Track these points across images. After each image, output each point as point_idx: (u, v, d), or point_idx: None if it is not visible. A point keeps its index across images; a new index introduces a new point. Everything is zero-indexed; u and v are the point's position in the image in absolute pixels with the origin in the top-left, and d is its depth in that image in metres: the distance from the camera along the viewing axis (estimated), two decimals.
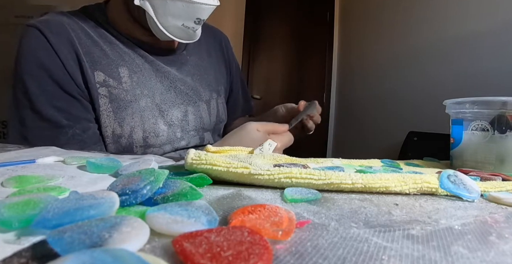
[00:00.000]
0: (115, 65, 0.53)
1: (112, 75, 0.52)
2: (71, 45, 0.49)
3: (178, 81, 0.60)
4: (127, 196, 0.18)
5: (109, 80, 0.52)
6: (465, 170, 0.36)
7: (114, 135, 0.52)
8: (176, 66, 0.61)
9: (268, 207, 0.18)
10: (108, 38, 0.54)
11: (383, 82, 1.81)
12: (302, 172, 0.25)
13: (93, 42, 0.52)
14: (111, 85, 0.52)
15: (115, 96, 0.52)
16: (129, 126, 0.53)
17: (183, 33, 0.52)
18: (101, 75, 0.51)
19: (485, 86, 1.16)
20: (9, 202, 0.16)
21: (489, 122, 0.40)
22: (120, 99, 0.52)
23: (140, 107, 0.54)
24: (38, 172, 0.27)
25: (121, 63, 0.53)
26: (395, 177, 0.26)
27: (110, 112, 0.52)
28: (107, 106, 0.51)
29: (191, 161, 0.26)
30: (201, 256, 0.11)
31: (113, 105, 0.52)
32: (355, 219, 0.19)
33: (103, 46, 0.53)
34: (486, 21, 1.18)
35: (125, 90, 0.53)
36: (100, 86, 0.51)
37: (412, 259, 0.14)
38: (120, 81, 0.53)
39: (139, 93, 0.54)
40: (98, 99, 0.51)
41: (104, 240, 0.12)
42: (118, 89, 0.52)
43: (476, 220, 0.20)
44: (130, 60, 0.55)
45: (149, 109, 0.55)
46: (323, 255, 0.14)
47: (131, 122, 0.53)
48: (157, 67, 0.58)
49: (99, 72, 0.51)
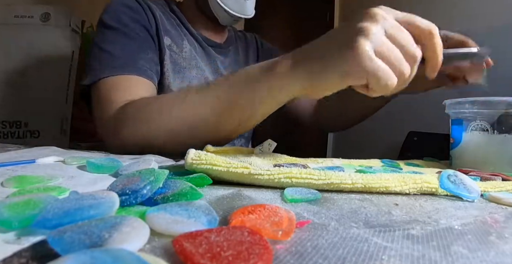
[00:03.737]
0: (181, 38, 0.63)
1: (177, 43, 0.62)
2: (150, 8, 0.59)
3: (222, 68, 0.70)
4: (127, 196, 0.18)
5: (173, 46, 0.61)
6: (465, 170, 0.36)
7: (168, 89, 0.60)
8: (222, 57, 0.71)
9: (268, 207, 0.18)
10: (177, 21, 0.65)
11: None
12: (302, 172, 0.25)
13: (166, 18, 0.62)
14: (174, 51, 0.61)
15: (174, 60, 0.61)
16: (175, 89, 0.61)
17: (235, 2, 0.62)
18: (168, 40, 0.61)
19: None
20: (9, 202, 0.16)
21: (489, 122, 0.40)
22: (177, 64, 0.61)
23: (191, 75, 0.63)
24: (38, 172, 0.27)
25: (185, 38, 0.64)
26: (395, 177, 0.26)
27: (169, 72, 0.60)
28: (168, 64, 0.60)
29: (191, 161, 0.26)
30: (201, 256, 0.11)
31: (172, 66, 0.61)
32: (355, 219, 0.19)
33: (174, 23, 0.64)
34: (486, 21, 1.18)
35: (183, 58, 0.62)
36: (166, 49, 0.60)
37: (412, 259, 0.14)
38: (182, 50, 0.63)
39: (193, 64, 0.64)
40: (164, 55, 0.59)
41: (104, 240, 0.12)
42: (179, 55, 0.62)
43: (476, 220, 0.20)
44: (191, 41, 0.65)
45: (197, 79, 0.64)
46: (323, 255, 0.14)
47: (179, 85, 0.62)
48: (208, 53, 0.68)
49: (168, 37, 0.61)
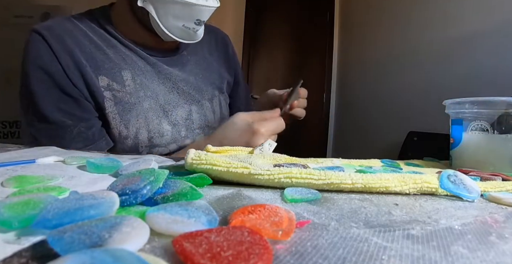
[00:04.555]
0: (118, 69, 0.54)
1: (115, 79, 0.53)
2: (73, 51, 0.50)
3: (180, 81, 0.61)
4: (127, 196, 0.18)
5: (113, 84, 0.53)
6: (465, 170, 0.36)
7: (120, 136, 0.54)
8: (178, 66, 0.62)
9: (268, 207, 0.18)
10: (111, 42, 0.55)
11: (383, 82, 1.81)
12: (302, 172, 0.25)
13: (96, 46, 0.53)
14: (115, 89, 0.53)
15: (119, 99, 0.53)
16: (134, 128, 0.55)
17: (184, 33, 0.53)
18: (105, 80, 0.52)
19: (485, 86, 1.16)
20: (9, 202, 0.16)
21: (489, 122, 0.40)
22: (124, 102, 0.54)
23: (144, 109, 0.55)
24: (38, 172, 0.27)
25: (124, 66, 0.55)
26: (395, 177, 0.26)
27: (116, 115, 0.53)
28: (113, 109, 0.53)
29: (191, 161, 0.26)
30: (201, 256, 0.11)
31: (118, 108, 0.53)
32: (355, 219, 0.19)
33: (106, 50, 0.54)
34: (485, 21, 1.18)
35: (128, 93, 0.54)
36: (105, 90, 0.52)
37: (412, 259, 0.14)
38: (124, 84, 0.54)
39: (142, 95, 0.55)
40: (104, 102, 0.52)
41: (104, 240, 0.12)
42: (122, 92, 0.54)
43: (476, 220, 0.20)
44: (133, 63, 0.56)
45: (153, 110, 0.56)
46: (323, 255, 0.14)
47: (136, 124, 0.55)
48: (159, 69, 0.59)
49: (103, 76, 0.52)
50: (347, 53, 2.29)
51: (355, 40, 2.18)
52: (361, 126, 2.03)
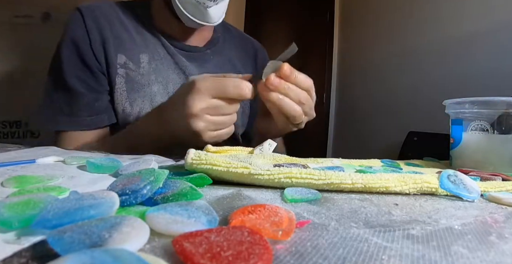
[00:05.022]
0: (137, 51, 0.58)
1: (132, 59, 0.58)
2: (103, 30, 0.56)
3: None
4: (127, 196, 0.18)
5: (129, 63, 0.57)
6: (465, 170, 0.36)
7: (124, 113, 0.58)
8: (198, 62, 0.64)
9: (268, 207, 0.18)
10: (139, 29, 0.60)
11: (383, 82, 1.81)
12: (302, 172, 0.25)
13: (125, 29, 0.59)
14: (129, 68, 0.57)
15: (131, 78, 0.57)
16: (138, 107, 0.58)
17: (196, 10, 0.55)
18: (123, 58, 0.57)
19: (485, 86, 1.16)
20: (9, 202, 0.16)
21: (489, 122, 0.40)
22: (134, 82, 0.57)
23: (151, 92, 0.58)
24: (38, 172, 0.27)
25: (144, 50, 0.59)
26: (395, 177, 0.26)
27: (123, 91, 0.57)
28: (122, 85, 0.57)
29: (191, 161, 0.26)
30: (201, 256, 0.11)
31: (128, 86, 0.57)
32: (355, 219, 0.19)
33: (133, 34, 0.59)
34: (485, 21, 1.18)
35: (140, 74, 0.58)
36: (120, 67, 0.57)
37: (412, 259, 0.14)
38: (139, 66, 0.58)
39: (153, 79, 0.59)
40: (116, 78, 0.57)
41: (104, 240, 0.12)
42: (135, 72, 0.58)
43: (476, 220, 0.20)
44: (154, 49, 0.60)
45: (160, 95, 0.59)
46: (323, 255, 0.14)
47: (140, 104, 0.58)
48: (177, 60, 0.61)
49: (122, 54, 0.57)
50: (347, 53, 2.29)
51: (355, 40, 2.17)
52: (361, 126, 2.03)
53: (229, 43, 0.71)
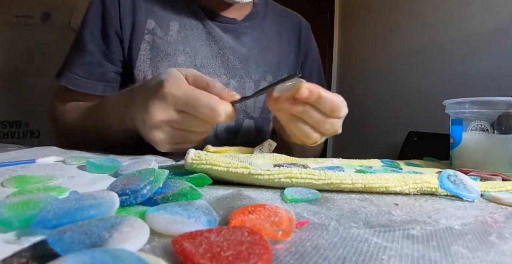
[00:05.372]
0: (168, 19, 0.55)
1: (161, 25, 0.55)
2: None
3: (228, 49, 0.58)
4: (127, 196, 0.18)
5: (157, 29, 0.54)
6: (465, 170, 0.36)
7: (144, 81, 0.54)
8: (233, 34, 0.59)
9: (268, 207, 0.18)
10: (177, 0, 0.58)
11: (383, 82, 1.81)
12: (302, 172, 0.25)
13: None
14: (157, 34, 0.54)
15: (157, 46, 0.54)
16: None
17: None
18: (152, 23, 0.54)
19: (485, 86, 1.16)
20: (9, 202, 0.16)
21: (489, 122, 0.40)
22: (160, 50, 0.54)
23: (177, 63, 0.55)
24: (38, 172, 0.27)
25: (175, 18, 0.56)
26: (395, 177, 0.26)
27: (147, 59, 0.54)
28: (147, 52, 0.54)
29: (191, 161, 0.26)
30: (201, 256, 0.11)
31: (152, 53, 0.54)
32: (355, 219, 0.19)
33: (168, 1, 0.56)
34: (486, 21, 1.18)
35: (168, 42, 0.55)
36: (148, 33, 0.54)
37: (412, 259, 0.14)
38: (167, 33, 0.55)
39: (180, 49, 0.55)
40: (142, 43, 0.54)
41: (104, 240, 0.12)
42: (163, 39, 0.54)
43: (476, 220, 0.20)
44: (186, 18, 0.57)
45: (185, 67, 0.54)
46: (323, 255, 0.14)
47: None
48: (210, 31, 0.57)
49: (151, 20, 0.54)
50: (347, 53, 2.29)
51: (355, 40, 2.18)
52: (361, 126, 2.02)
53: (270, 18, 0.66)
